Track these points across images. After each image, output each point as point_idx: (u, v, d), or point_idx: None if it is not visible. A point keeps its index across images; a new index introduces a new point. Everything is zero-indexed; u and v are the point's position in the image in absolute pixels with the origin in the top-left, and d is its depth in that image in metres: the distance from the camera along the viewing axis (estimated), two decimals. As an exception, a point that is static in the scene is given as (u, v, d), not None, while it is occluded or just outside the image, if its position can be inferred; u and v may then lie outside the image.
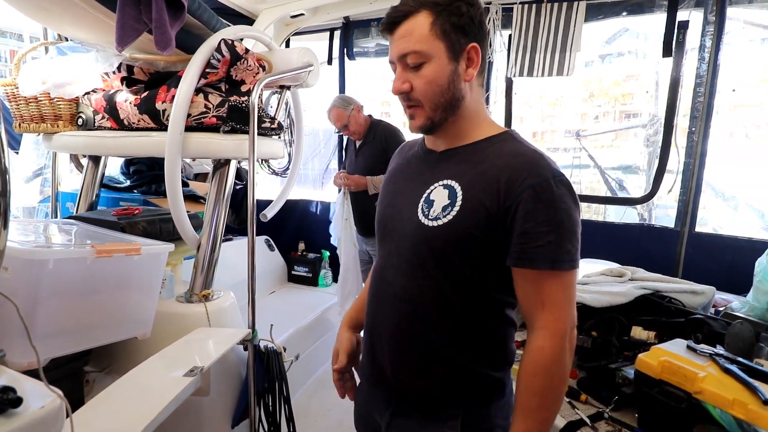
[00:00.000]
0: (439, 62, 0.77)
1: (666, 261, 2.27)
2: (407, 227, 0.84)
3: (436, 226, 0.78)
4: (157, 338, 1.33)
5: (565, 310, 0.76)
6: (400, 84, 0.80)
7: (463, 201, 0.77)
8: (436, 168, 0.85)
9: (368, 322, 0.95)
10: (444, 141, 0.86)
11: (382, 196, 0.97)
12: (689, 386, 0.90)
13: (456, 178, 0.80)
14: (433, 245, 0.79)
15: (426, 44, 0.76)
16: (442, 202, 0.79)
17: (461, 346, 0.82)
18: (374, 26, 3.09)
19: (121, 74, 1.65)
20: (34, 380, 0.63)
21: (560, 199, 0.73)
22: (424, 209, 0.81)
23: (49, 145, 1.80)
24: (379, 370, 0.90)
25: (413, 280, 0.83)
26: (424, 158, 0.90)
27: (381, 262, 0.92)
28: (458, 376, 0.83)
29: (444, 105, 0.80)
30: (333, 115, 2.54)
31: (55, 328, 1.09)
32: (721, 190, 5.07)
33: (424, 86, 0.78)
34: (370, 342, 0.93)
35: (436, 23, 0.75)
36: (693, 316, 1.24)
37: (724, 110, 4.95)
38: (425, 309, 0.82)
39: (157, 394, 1.02)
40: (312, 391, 2.36)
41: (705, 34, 2.21)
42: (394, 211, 0.89)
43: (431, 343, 0.83)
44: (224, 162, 1.59)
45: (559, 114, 25.83)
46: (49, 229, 1.41)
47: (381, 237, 0.93)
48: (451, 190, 0.79)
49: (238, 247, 2.61)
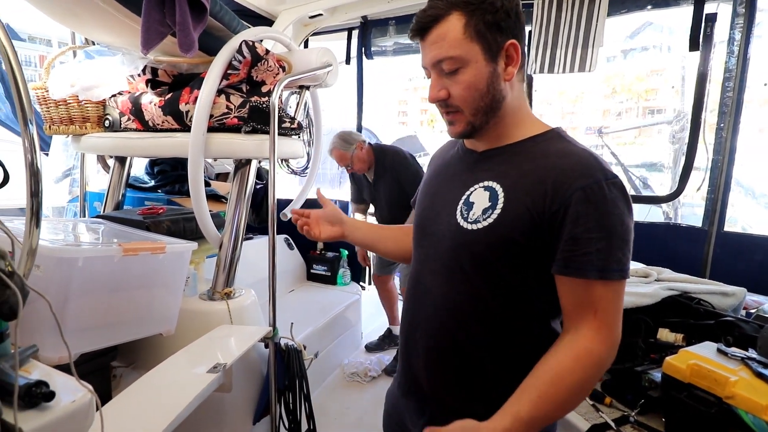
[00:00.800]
0: (476, 66, 0.72)
1: (693, 261, 2.20)
2: (445, 230, 0.80)
3: (475, 230, 0.75)
4: (181, 335, 1.36)
5: (617, 320, 0.71)
6: (437, 92, 0.76)
7: (505, 203, 0.73)
8: (476, 169, 0.81)
9: (403, 328, 0.92)
10: (485, 141, 0.82)
11: (420, 199, 0.93)
12: (720, 391, 0.87)
13: (497, 179, 0.76)
14: (472, 249, 0.76)
15: (460, 48, 0.71)
16: (483, 204, 0.76)
17: (503, 357, 0.78)
18: (392, 25, 3.09)
19: (146, 77, 1.69)
20: (66, 375, 0.65)
21: (612, 203, 0.68)
22: (463, 212, 0.78)
23: (77, 146, 1.86)
24: (412, 379, 0.87)
25: (452, 286, 0.79)
26: (464, 159, 0.86)
27: (417, 266, 0.89)
28: (500, 389, 0.77)
29: (484, 108, 0.75)
30: (335, 156, 2.54)
31: (84, 324, 1.13)
32: (751, 188, 4.90)
33: (462, 92, 0.74)
34: (405, 349, 0.90)
35: (469, 24, 0.71)
36: (723, 319, 1.20)
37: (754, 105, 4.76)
38: (465, 317, 0.78)
39: (181, 390, 1.04)
40: (331, 390, 2.37)
41: (734, 26, 2.13)
42: (432, 214, 0.85)
43: (471, 355, 0.79)
44: (245, 162, 1.61)
45: (580, 111, 25.29)
46: (78, 228, 1.45)
47: (418, 240, 0.89)
48: (492, 192, 0.76)
49: (258, 246, 2.64)
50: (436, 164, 0.96)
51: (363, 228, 1.08)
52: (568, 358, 0.70)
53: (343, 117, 2.92)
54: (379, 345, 2.84)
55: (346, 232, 1.04)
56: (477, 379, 0.79)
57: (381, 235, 1.08)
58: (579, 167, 0.70)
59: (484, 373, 0.79)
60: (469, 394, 0.80)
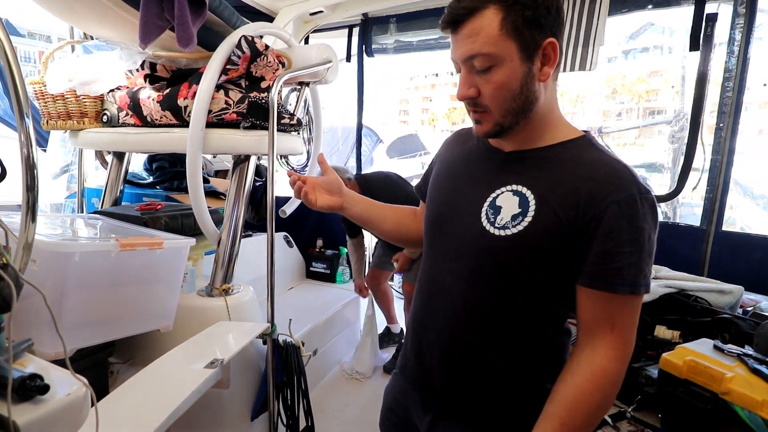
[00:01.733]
0: (510, 65, 0.68)
1: (691, 260, 2.21)
2: (468, 232, 0.78)
3: (504, 236, 0.72)
4: (179, 331, 1.36)
5: (633, 335, 0.72)
6: (466, 89, 0.71)
7: (536, 211, 0.71)
8: (503, 170, 0.78)
9: (416, 325, 0.88)
10: (512, 142, 0.79)
11: (436, 192, 0.89)
12: (716, 387, 0.87)
13: (527, 184, 0.73)
14: (498, 256, 0.74)
15: (496, 45, 0.67)
16: (512, 210, 0.73)
17: (519, 359, 0.78)
18: (393, 23, 3.09)
19: (145, 72, 1.68)
20: (61, 369, 0.65)
21: (644, 218, 0.67)
22: (489, 215, 0.75)
23: (75, 141, 1.85)
24: (424, 375, 0.86)
25: (473, 290, 0.77)
26: (488, 157, 0.82)
27: (433, 263, 0.86)
28: (515, 390, 0.78)
29: (516, 110, 0.72)
30: None
31: (81, 319, 1.13)
32: (750, 188, 4.92)
33: (493, 92, 0.70)
34: (417, 344, 0.87)
35: (506, 20, 0.66)
36: (720, 316, 1.20)
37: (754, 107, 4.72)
38: (484, 321, 0.77)
39: (178, 385, 1.04)
40: (330, 387, 2.37)
41: (734, 27, 2.13)
42: (453, 213, 0.82)
43: (487, 356, 0.78)
44: (244, 158, 1.61)
45: (581, 111, 25.40)
46: (76, 223, 1.45)
47: (434, 237, 0.86)
48: (522, 198, 0.73)
49: (257, 243, 2.64)
50: (449, 155, 0.92)
51: (362, 203, 1.02)
52: (586, 380, 0.70)
53: (344, 115, 2.92)
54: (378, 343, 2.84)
55: (345, 204, 0.98)
56: (488, 381, 0.79)
57: (381, 214, 1.03)
58: (614, 179, 0.69)
59: (496, 375, 0.79)
60: (480, 395, 0.80)
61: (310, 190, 0.95)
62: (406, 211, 1.05)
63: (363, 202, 1.02)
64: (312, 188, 0.96)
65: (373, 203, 1.04)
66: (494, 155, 0.81)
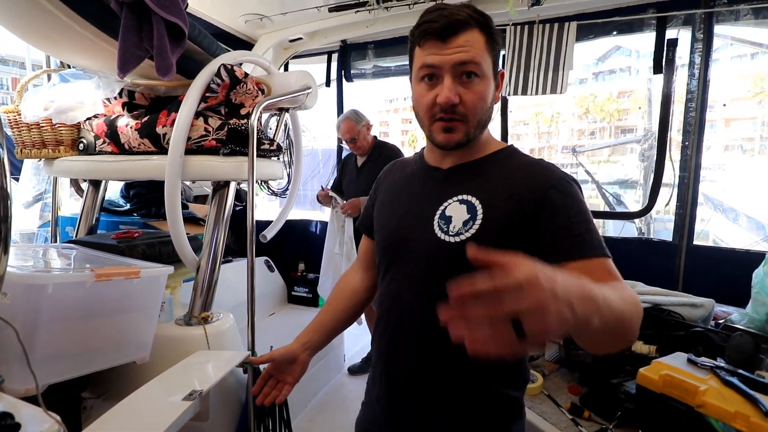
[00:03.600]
0: (488, 80, 0.78)
1: (665, 274, 2.27)
2: (423, 246, 0.81)
3: (459, 242, 0.76)
4: (156, 362, 1.32)
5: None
6: (453, 95, 0.75)
7: (484, 213, 0.76)
8: (446, 184, 0.84)
9: (382, 350, 0.91)
10: (454, 158, 0.86)
11: (384, 219, 0.93)
12: (690, 400, 0.89)
13: (471, 192, 0.80)
14: (457, 261, 0.75)
15: (483, 59, 0.76)
16: (462, 217, 0.78)
17: (482, 366, 0.78)
18: (371, 49, 3.17)
19: (123, 100, 1.68)
20: (33, 406, 0.63)
21: (577, 195, 0.76)
22: (441, 226, 0.79)
23: (50, 170, 1.82)
24: (398, 398, 0.87)
25: (433, 300, 0.78)
26: (430, 176, 0.88)
27: (393, 286, 0.88)
28: (478, 398, 0.81)
29: (483, 123, 0.81)
30: (344, 127, 2.58)
31: (54, 353, 1.09)
32: (720, 203, 5.11)
33: (475, 101, 0.77)
34: (387, 370, 0.89)
35: (488, 42, 0.77)
36: (693, 329, 1.23)
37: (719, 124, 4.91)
38: (446, 330, 0.80)
39: (155, 420, 1.00)
40: (313, 415, 2.32)
41: (694, 51, 2.26)
42: (405, 233, 0.85)
43: (453, 366, 0.80)
44: (224, 184, 1.61)
45: (556, 131, 26.13)
46: (49, 253, 1.41)
47: (390, 261, 0.89)
48: (469, 205, 0.78)
49: (237, 269, 2.60)
50: (389, 185, 0.97)
51: (315, 332, 1.07)
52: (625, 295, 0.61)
53: (324, 137, 2.95)
54: (362, 367, 2.80)
55: (306, 353, 1.05)
56: (458, 390, 0.81)
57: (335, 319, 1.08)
58: (545, 171, 0.79)
59: (464, 383, 0.81)
60: (451, 404, 0.81)
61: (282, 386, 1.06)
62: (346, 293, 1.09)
63: (315, 332, 1.07)
64: (282, 383, 1.07)
65: (320, 323, 1.08)
66: (435, 173, 0.88)
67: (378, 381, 0.92)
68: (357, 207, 2.52)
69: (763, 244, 4.49)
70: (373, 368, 0.96)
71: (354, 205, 2.53)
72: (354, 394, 2.55)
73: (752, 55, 8.44)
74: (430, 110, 0.79)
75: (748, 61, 10.13)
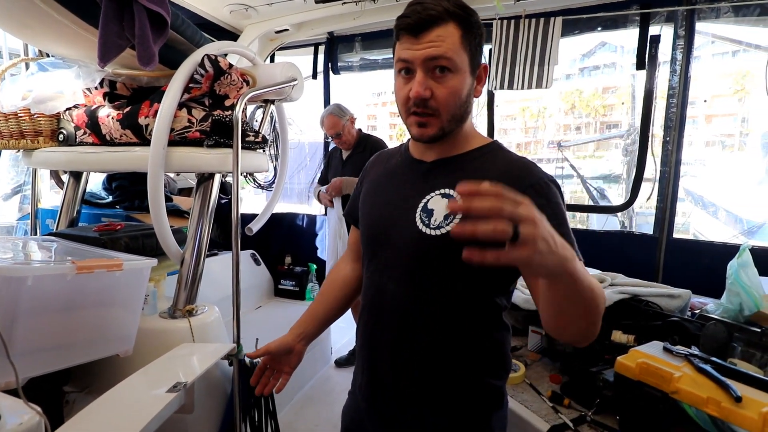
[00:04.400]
0: (463, 75, 0.77)
1: (646, 266, 2.32)
2: (406, 238, 0.82)
3: (440, 235, 0.77)
4: (140, 355, 1.31)
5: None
6: (423, 90, 0.76)
7: None
8: (429, 177, 0.85)
9: (364, 341, 0.92)
10: (436, 151, 0.86)
11: (368, 209, 0.94)
12: (665, 386, 0.92)
13: (454, 186, 0.80)
14: (438, 254, 0.79)
15: (456, 54, 0.75)
16: (443, 210, 0.79)
17: (463, 355, 0.81)
18: (358, 41, 3.15)
19: (104, 90, 1.65)
20: (12, 398, 0.63)
21: (556, 197, 0.77)
22: (423, 218, 0.80)
23: (29, 161, 1.78)
24: (377, 390, 0.88)
25: (416, 293, 0.82)
26: (413, 168, 0.89)
27: (374, 276, 0.89)
28: (460, 386, 0.82)
29: (458, 117, 0.80)
30: (327, 122, 2.57)
31: (34, 347, 1.07)
32: (701, 197, 5.23)
33: (446, 96, 0.77)
34: (369, 360, 0.90)
35: (464, 37, 0.76)
36: (670, 319, 1.27)
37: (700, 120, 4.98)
38: (428, 319, 0.81)
39: (138, 412, 1.00)
40: (299, 407, 2.33)
41: (676, 47, 2.30)
42: (388, 224, 0.87)
43: (436, 357, 0.81)
44: (208, 176, 1.59)
45: (542, 126, 26.34)
46: (29, 246, 1.39)
47: (373, 250, 0.90)
48: (450, 199, 0.80)
49: (224, 262, 2.59)
50: (374, 175, 0.98)
51: (309, 323, 1.08)
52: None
53: (311, 130, 2.94)
54: (348, 360, 2.81)
55: (301, 344, 1.07)
56: (440, 379, 0.82)
57: (328, 309, 1.09)
58: (524, 171, 0.79)
59: (446, 371, 0.82)
60: (433, 393, 0.82)
61: (279, 375, 1.10)
62: (338, 283, 1.10)
63: (309, 323, 1.08)
64: (279, 372, 1.10)
65: (315, 312, 1.09)
66: (419, 166, 0.88)
67: (361, 370, 0.94)
68: (338, 187, 2.52)
69: (741, 237, 4.62)
70: (357, 358, 0.97)
71: (335, 186, 2.52)
72: (340, 386, 2.56)
73: (733, 53, 8.60)
74: (405, 104, 0.80)
75: (729, 59, 10.34)
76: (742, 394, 0.83)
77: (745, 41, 2.74)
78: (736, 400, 0.82)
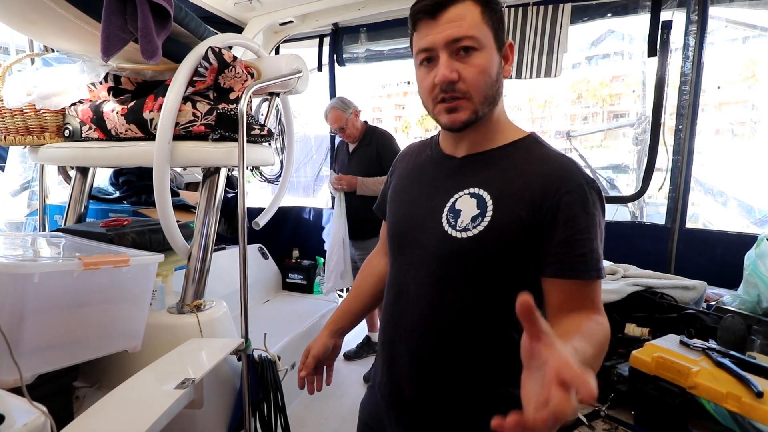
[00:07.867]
0: (489, 51, 0.73)
1: (658, 258, 2.28)
2: (431, 239, 0.79)
3: (466, 238, 0.74)
4: (148, 351, 1.31)
5: (604, 312, 0.72)
6: (449, 72, 0.71)
7: (494, 211, 0.73)
8: (459, 175, 0.80)
9: (386, 338, 0.90)
10: (467, 145, 0.81)
11: (395, 206, 0.91)
12: (683, 381, 0.90)
13: (484, 186, 0.76)
14: (463, 258, 0.75)
15: (479, 31, 0.71)
16: (471, 212, 0.75)
17: (486, 363, 0.78)
18: (363, 32, 3.11)
19: (108, 84, 1.64)
20: (18, 398, 0.62)
21: (594, 205, 0.71)
22: (449, 219, 0.77)
23: (35, 157, 1.78)
24: (396, 388, 0.86)
25: (439, 295, 0.78)
26: (443, 164, 0.84)
27: (398, 275, 0.86)
28: (483, 396, 0.79)
29: (490, 98, 0.75)
30: (331, 116, 2.55)
31: (42, 344, 1.07)
32: (710, 187, 5.14)
33: (476, 75, 0.72)
34: (387, 357, 0.88)
35: (484, 12, 0.72)
36: (685, 311, 1.24)
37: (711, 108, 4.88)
38: (450, 325, 0.78)
39: (148, 408, 1.00)
40: (308, 401, 2.33)
41: (688, 33, 2.24)
42: (414, 222, 0.83)
43: (456, 362, 0.79)
44: (214, 170, 1.58)
45: (549, 116, 26.13)
46: (37, 242, 1.39)
47: (398, 248, 0.87)
48: (479, 200, 0.75)
49: (231, 257, 2.59)
50: (404, 170, 0.94)
51: (343, 319, 1.06)
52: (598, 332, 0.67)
53: (316, 123, 2.92)
54: (357, 353, 2.81)
55: (339, 339, 1.05)
56: (462, 388, 0.79)
57: (362, 304, 1.07)
58: (562, 172, 0.72)
59: (469, 380, 0.79)
60: (454, 401, 0.80)
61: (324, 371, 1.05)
62: (374, 266, 1.08)
63: (344, 319, 1.06)
64: (320, 373, 1.04)
65: (349, 308, 1.07)
66: (448, 162, 0.84)
67: (380, 368, 0.91)
68: (352, 185, 2.49)
69: (753, 227, 4.54)
70: (378, 353, 0.95)
71: (350, 183, 2.49)
72: (349, 379, 2.56)
73: (743, 39, 8.40)
74: (431, 93, 0.75)
75: (740, 45, 10.13)
76: (764, 389, 0.81)
77: (761, 25, 2.66)
78: (758, 395, 0.80)
